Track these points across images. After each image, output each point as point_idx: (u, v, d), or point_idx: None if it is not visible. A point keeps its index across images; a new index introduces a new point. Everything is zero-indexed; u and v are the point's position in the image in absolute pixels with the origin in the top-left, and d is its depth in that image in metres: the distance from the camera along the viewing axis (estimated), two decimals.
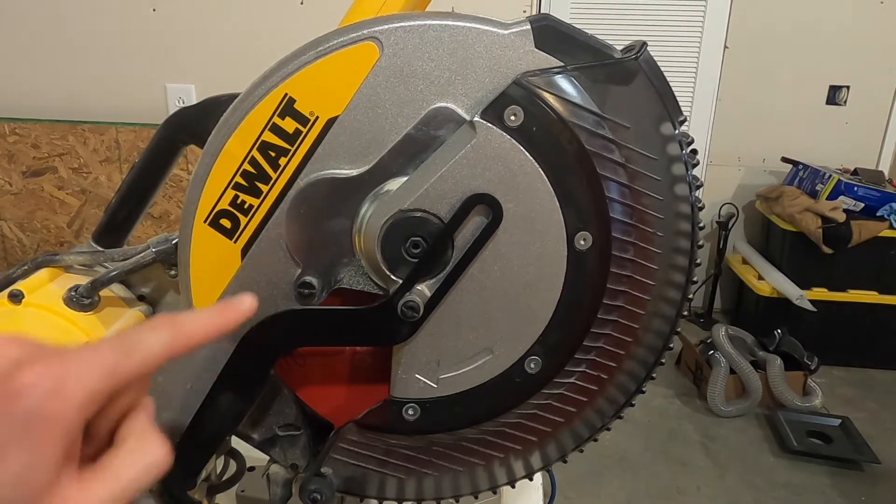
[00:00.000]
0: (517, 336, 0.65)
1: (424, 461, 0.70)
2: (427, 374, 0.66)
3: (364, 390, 0.72)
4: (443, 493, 0.72)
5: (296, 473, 0.72)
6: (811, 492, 3.25)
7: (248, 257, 0.64)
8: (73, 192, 3.89)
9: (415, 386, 0.66)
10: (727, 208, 4.84)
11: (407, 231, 0.61)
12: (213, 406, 0.65)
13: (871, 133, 4.69)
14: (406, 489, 0.72)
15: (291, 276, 0.64)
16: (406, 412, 0.67)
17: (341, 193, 0.62)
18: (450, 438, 0.69)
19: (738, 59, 4.63)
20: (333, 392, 0.72)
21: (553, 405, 0.68)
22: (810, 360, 3.91)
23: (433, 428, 0.69)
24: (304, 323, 0.65)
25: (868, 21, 4.46)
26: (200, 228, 0.64)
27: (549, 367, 0.66)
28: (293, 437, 0.70)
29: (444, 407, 0.67)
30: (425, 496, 0.72)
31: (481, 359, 0.65)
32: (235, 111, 0.62)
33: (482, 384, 0.66)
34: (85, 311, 0.66)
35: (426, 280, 0.62)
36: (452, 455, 0.70)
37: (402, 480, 0.71)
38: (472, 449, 0.70)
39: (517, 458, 0.72)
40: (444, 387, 0.66)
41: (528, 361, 0.65)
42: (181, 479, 0.67)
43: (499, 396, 0.67)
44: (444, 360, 0.66)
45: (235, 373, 0.65)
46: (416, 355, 0.65)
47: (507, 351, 0.65)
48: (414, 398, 0.67)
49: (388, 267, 0.62)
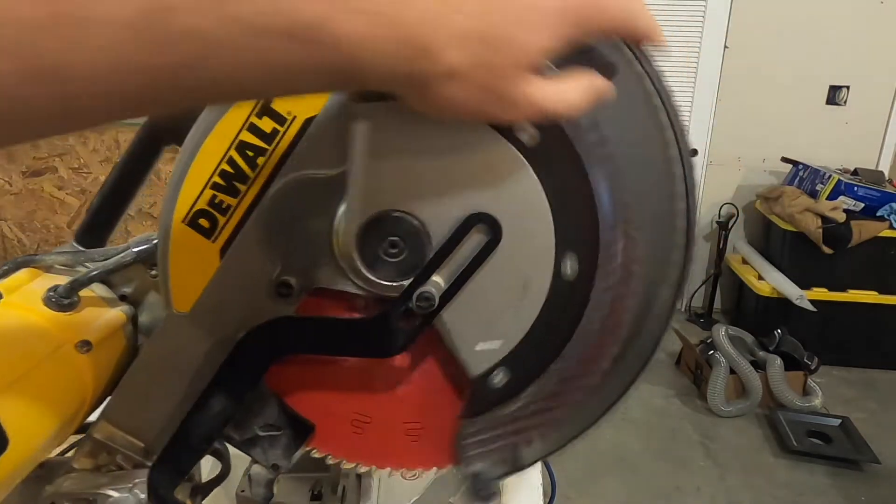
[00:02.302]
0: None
1: (548, 404, 0.68)
2: (485, 339, 0.65)
3: (346, 389, 0.72)
4: (586, 419, 0.69)
5: (277, 473, 0.72)
6: (811, 492, 3.25)
7: (227, 257, 0.64)
8: (73, 192, 3.90)
9: (483, 356, 0.66)
10: (727, 208, 4.84)
11: (385, 231, 0.61)
12: (203, 409, 0.65)
13: (871, 133, 4.69)
14: (556, 433, 0.70)
15: (270, 276, 0.64)
16: (494, 381, 0.66)
17: (319, 193, 0.62)
18: (551, 374, 0.67)
19: (738, 59, 4.63)
20: (315, 392, 0.72)
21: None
22: (810, 360, 3.91)
23: (527, 376, 0.68)
24: (300, 331, 0.65)
25: (868, 21, 4.46)
26: (179, 228, 0.63)
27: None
28: (274, 437, 0.70)
29: (522, 353, 0.66)
30: (576, 428, 0.70)
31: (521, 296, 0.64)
32: (213, 110, 0.62)
33: (539, 316, 0.65)
34: (64, 311, 0.66)
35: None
36: (565, 385, 0.67)
37: (545, 431, 0.69)
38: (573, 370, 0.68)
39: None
40: (507, 339, 0.66)
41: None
42: (169, 479, 0.67)
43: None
44: (491, 319, 0.65)
45: (229, 377, 0.65)
46: (464, 331, 0.65)
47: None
48: (491, 366, 0.67)
49: (365, 267, 0.62)
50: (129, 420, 0.68)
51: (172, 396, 0.66)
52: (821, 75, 4.63)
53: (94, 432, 0.68)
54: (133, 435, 0.68)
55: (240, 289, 0.65)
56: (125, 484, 0.66)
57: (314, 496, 1.08)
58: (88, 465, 0.68)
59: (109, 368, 0.70)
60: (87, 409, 0.68)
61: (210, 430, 0.65)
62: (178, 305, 0.66)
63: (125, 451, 0.68)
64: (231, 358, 0.64)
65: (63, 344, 0.64)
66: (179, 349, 0.66)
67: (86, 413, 0.69)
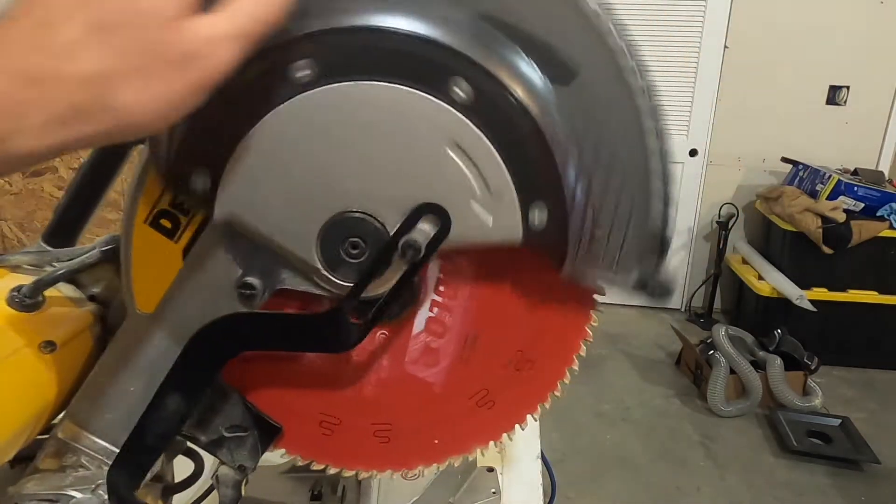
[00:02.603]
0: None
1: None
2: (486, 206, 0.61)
3: (313, 389, 0.72)
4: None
5: (244, 475, 0.72)
6: (811, 492, 3.24)
7: (190, 258, 0.64)
8: None
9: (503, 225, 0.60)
10: (727, 208, 4.83)
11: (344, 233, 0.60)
12: (158, 408, 0.65)
13: (871, 133, 4.68)
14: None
15: (233, 277, 0.64)
16: (534, 219, 0.59)
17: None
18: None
19: (738, 59, 4.62)
20: (282, 393, 0.71)
21: None
22: (810, 360, 3.90)
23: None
24: (252, 326, 0.64)
25: (868, 21, 4.45)
26: (141, 229, 0.63)
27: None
28: (240, 438, 0.70)
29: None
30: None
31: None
32: None
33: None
34: (29, 311, 0.66)
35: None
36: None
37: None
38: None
39: None
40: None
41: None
42: (128, 479, 0.67)
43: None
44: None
45: (183, 374, 0.64)
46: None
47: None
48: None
49: (326, 267, 0.61)
50: (94, 420, 0.67)
51: (135, 396, 0.66)
52: (821, 75, 4.61)
53: (58, 432, 0.68)
54: (97, 435, 0.67)
55: (203, 289, 0.65)
56: (88, 485, 0.65)
57: (314, 496, 1.08)
58: (53, 466, 0.68)
59: (76, 369, 0.69)
60: (52, 410, 0.68)
61: (167, 429, 0.65)
62: (142, 306, 0.66)
63: (89, 451, 0.67)
64: (184, 355, 0.63)
65: (25, 345, 0.64)
66: (142, 349, 0.66)
67: (51, 414, 0.68)
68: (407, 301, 0.68)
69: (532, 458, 1.30)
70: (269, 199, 0.58)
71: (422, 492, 1.10)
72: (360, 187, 0.58)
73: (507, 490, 0.70)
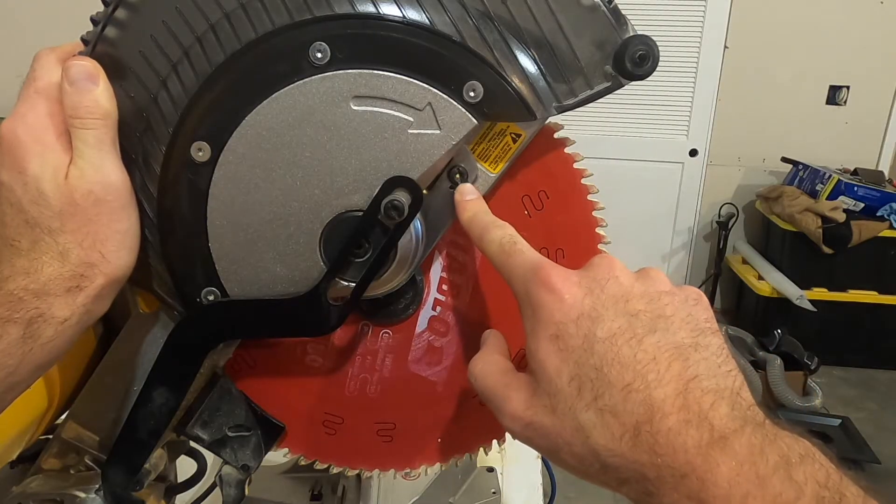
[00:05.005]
0: None
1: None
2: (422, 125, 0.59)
3: (316, 389, 0.72)
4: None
5: (247, 475, 0.72)
6: None
7: None
8: None
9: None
10: (727, 208, 4.83)
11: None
12: (146, 402, 0.64)
13: (871, 133, 4.68)
14: None
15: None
16: (472, 97, 0.59)
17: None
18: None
19: (738, 59, 4.62)
20: (283, 392, 0.71)
21: None
22: (810, 360, 3.90)
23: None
24: (231, 314, 0.63)
25: (868, 21, 4.45)
26: None
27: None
28: (244, 437, 0.70)
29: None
30: None
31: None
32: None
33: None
34: None
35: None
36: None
37: None
38: None
39: None
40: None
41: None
42: (122, 477, 0.66)
43: None
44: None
45: (167, 367, 0.63)
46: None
47: None
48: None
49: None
50: (96, 420, 0.68)
51: (137, 396, 0.66)
52: (821, 75, 4.61)
53: (61, 432, 0.68)
54: (100, 435, 0.67)
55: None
56: (92, 485, 0.66)
57: (314, 496, 1.08)
58: (57, 466, 0.68)
59: (78, 369, 0.69)
60: (55, 410, 0.68)
61: (156, 424, 0.64)
62: (145, 305, 0.66)
63: (93, 451, 0.67)
64: (166, 347, 0.63)
65: None
66: (145, 349, 0.66)
67: (54, 414, 0.68)
68: (411, 301, 0.68)
69: (532, 458, 1.30)
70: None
71: (422, 492, 1.11)
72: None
73: (507, 490, 0.70)
